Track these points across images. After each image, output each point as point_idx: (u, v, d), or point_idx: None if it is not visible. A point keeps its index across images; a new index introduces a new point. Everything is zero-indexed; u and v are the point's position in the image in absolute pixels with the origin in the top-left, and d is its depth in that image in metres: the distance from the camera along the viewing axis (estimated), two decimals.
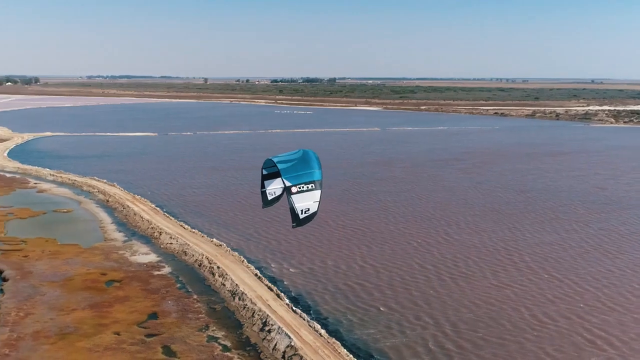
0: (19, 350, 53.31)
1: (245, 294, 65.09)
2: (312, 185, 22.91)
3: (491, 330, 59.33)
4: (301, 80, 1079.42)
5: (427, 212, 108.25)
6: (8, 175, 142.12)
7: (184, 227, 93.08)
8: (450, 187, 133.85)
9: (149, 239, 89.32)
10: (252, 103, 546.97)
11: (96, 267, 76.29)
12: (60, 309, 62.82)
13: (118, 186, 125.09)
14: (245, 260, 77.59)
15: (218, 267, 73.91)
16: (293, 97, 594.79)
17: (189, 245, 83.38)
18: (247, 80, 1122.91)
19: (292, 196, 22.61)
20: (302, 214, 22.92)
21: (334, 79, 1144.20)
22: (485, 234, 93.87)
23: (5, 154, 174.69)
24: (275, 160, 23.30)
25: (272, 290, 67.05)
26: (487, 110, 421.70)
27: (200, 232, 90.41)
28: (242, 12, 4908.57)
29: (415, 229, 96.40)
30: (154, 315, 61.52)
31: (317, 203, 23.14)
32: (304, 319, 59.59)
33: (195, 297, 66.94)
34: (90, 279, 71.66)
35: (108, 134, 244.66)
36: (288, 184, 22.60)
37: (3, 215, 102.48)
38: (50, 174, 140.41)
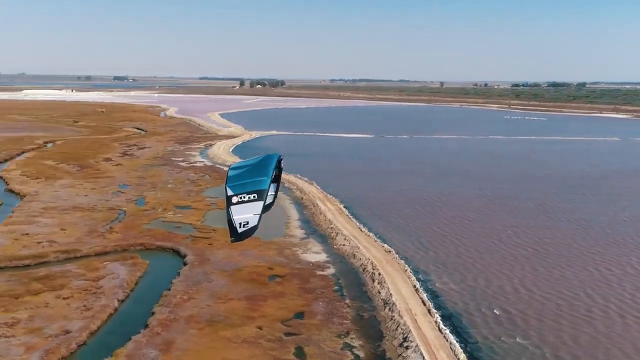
0: (169, 331, 56.93)
1: (396, 305, 62.58)
2: (255, 195, 20.35)
3: None
4: (545, 85, 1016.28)
5: (629, 237, 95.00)
6: (225, 168, 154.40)
7: (361, 230, 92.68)
8: None
9: (326, 238, 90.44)
10: (483, 108, 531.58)
11: (266, 261, 79.06)
12: (219, 297, 66.03)
13: (316, 185, 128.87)
14: (408, 269, 74.77)
15: (379, 274, 72.19)
16: (529, 102, 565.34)
17: (359, 248, 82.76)
18: (485, 85, 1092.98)
19: (231, 207, 20.40)
20: (240, 227, 20.60)
21: (584, 84, 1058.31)
22: None
23: (230, 150, 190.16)
24: (232, 166, 21.41)
25: (424, 304, 63.61)
26: None
27: (374, 236, 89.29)
28: (479, 16, 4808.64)
29: (601, 254, 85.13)
30: (300, 315, 61.82)
31: (258, 216, 20.51)
32: (447, 340, 55.48)
33: (347, 301, 66.01)
34: (256, 272, 74.38)
35: (327, 134, 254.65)
36: (230, 192, 20.41)
37: (207, 205, 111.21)
38: None
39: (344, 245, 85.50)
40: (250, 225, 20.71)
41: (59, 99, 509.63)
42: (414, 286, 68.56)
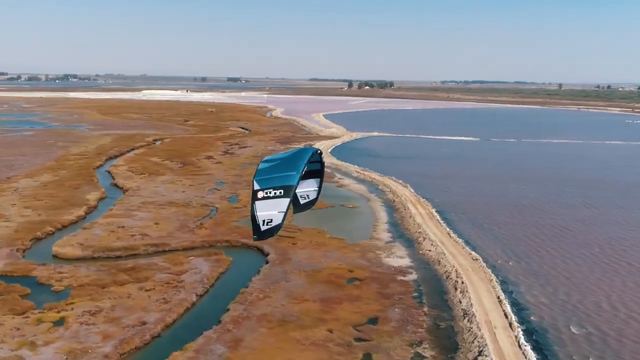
0: (239, 329, 57.07)
1: (475, 316, 59.55)
2: (281, 191, 18.70)
3: None
4: None
5: None
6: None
7: (450, 236, 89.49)
8: None
9: (412, 242, 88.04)
10: (604, 111, 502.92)
11: (348, 263, 77.90)
12: (294, 297, 65.59)
13: (410, 188, 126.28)
14: (494, 279, 71.14)
15: (462, 282, 69.16)
16: None
17: (445, 254, 79.83)
18: (609, 87, 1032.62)
19: (255, 202, 18.85)
20: (263, 224, 19.00)
21: None
22: None
23: (329, 151, 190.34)
24: (264, 159, 19.84)
25: (506, 317, 60.11)
26: None
27: (463, 243, 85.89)
28: (602, 12, 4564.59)
29: None
30: (373, 320, 60.19)
31: (283, 214, 18.84)
32: (525, 357, 52.04)
33: (425, 309, 63.60)
34: (335, 274, 73.37)
35: (429, 136, 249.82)
36: (256, 187, 18.89)
37: None
38: (355, 171, 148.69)
39: (429, 250, 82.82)
40: (274, 223, 19.43)
41: (173, 99, 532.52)
42: (498, 297, 65.03)
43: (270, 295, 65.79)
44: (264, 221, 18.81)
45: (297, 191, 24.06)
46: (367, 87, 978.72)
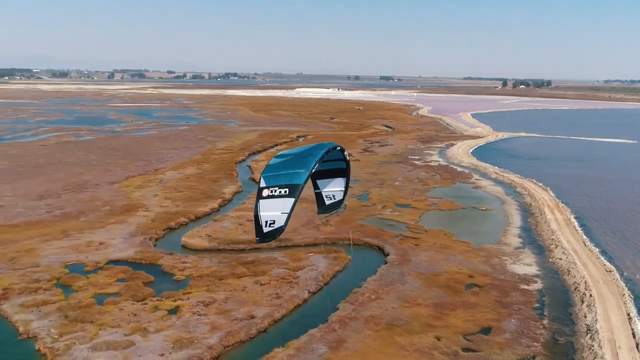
0: (344, 329, 56.66)
1: (599, 333, 54.68)
2: (286, 190, 17.33)
3: None
4: None
5: None
6: (459, 169, 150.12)
7: (585, 244, 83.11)
8: None
9: (543, 250, 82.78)
10: None
11: (469, 268, 74.81)
12: (407, 300, 64.03)
13: (550, 191, 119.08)
14: (628, 294, 64.90)
15: (590, 295, 63.86)
16: None
17: (576, 264, 74.20)
18: None
19: (260, 201, 17.59)
20: (266, 226, 17.69)
21: None
22: None
23: (469, 151, 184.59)
24: (278, 154, 18.75)
25: (634, 336, 54.55)
26: None
27: (598, 252, 79.38)
28: None
29: None
30: (486, 330, 57.22)
31: (287, 215, 17.46)
32: None
33: (545, 322, 59.41)
34: (455, 279, 70.73)
35: (581, 137, 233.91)
36: (262, 184, 17.71)
37: (428, 205, 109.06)
38: (494, 172, 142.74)
39: (560, 259, 77.40)
40: (277, 225, 18.75)
41: (324, 97, 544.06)
42: (628, 314, 59.25)
43: (382, 297, 64.71)
44: (266, 222, 17.99)
45: (322, 191, 22.98)
46: (523, 86, 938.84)
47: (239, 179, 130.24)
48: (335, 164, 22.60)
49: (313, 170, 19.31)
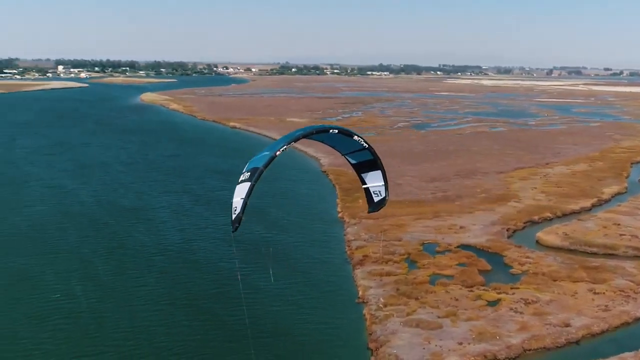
0: None
1: None
2: (248, 174, 16.84)
3: None
4: None
5: None
6: None
7: None
8: None
9: None
10: None
11: None
12: None
13: None
14: None
15: None
16: None
17: None
18: None
19: (236, 187, 17.40)
20: (233, 212, 17.37)
21: None
22: None
23: None
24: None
25: None
26: None
27: None
28: None
29: None
30: None
31: (243, 201, 16.73)
32: None
33: None
34: None
35: None
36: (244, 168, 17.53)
37: None
38: None
39: None
40: (236, 212, 17.30)
41: None
42: None
43: None
44: (234, 209, 17.35)
45: (369, 186, 21.52)
46: None
47: (627, 179, 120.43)
48: (358, 156, 19.64)
49: (277, 154, 17.65)
